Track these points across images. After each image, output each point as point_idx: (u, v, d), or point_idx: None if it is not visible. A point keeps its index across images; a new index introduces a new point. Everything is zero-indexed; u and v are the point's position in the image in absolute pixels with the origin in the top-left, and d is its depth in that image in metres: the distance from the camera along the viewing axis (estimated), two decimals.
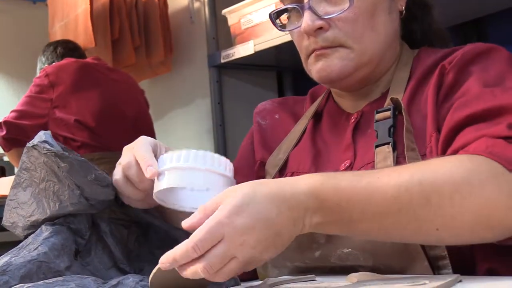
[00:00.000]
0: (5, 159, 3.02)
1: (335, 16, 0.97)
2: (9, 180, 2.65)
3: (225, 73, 2.65)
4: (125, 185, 0.90)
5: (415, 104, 0.97)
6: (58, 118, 2.58)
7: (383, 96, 1.04)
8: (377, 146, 0.93)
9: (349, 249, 0.91)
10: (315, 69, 1.01)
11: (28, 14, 3.83)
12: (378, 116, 0.96)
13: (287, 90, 2.76)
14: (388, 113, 0.95)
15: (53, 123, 2.56)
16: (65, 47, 2.83)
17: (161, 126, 2.97)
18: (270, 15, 1.05)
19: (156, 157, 0.88)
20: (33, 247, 0.83)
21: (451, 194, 0.73)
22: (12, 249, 0.85)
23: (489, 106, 0.84)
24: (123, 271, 0.90)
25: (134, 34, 3.08)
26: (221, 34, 2.60)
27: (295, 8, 1.00)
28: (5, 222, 0.91)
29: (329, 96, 1.14)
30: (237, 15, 2.41)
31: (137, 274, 0.88)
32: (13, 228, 0.90)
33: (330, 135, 1.08)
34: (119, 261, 0.91)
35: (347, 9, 0.96)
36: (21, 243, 0.85)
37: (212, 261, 0.71)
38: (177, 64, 3.00)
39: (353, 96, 1.07)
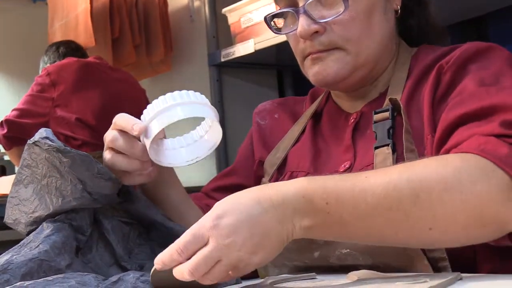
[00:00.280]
0: (6, 158, 3.02)
1: (331, 19, 0.97)
2: (9, 179, 2.64)
3: (225, 72, 2.65)
4: (118, 159, 0.90)
5: (413, 104, 0.96)
6: (59, 116, 2.58)
7: (381, 96, 1.04)
8: (376, 147, 0.93)
9: (348, 250, 0.90)
10: (311, 72, 1.01)
11: (28, 13, 3.83)
12: (376, 117, 0.96)
13: (287, 89, 2.76)
14: (387, 114, 0.95)
15: (54, 121, 2.56)
16: (68, 47, 2.84)
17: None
18: (265, 18, 1.05)
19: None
20: (34, 245, 0.82)
21: (441, 192, 0.72)
22: (13, 247, 0.85)
23: (482, 105, 0.84)
24: (125, 269, 0.90)
25: (134, 33, 3.08)
26: (221, 32, 2.60)
27: (290, 11, 1.00)
28: (7, 219, 0.91)
29: (328, 96, 1.14)
30: (237, 14, 2.40)
31: (138, 271, 0.88)
32: (15, 225, 0.90)
33: (330, 135, 1.08)
34: (121, 259, 0.91)
35: (342, 12, 0.96)
36: (22, 241, 0.85)
37: (197, 264, 0.71)
38: (177, 63, 3.00)
39: (351, 97, 1.07)
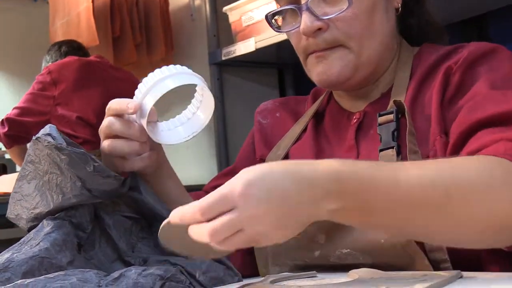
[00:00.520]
0: (7, 156, 3.03)
1: (334, 16, 0.96)
2: (10, 177, 2.65)
3: (226, 70, 2.65)
4: (117, 143, 0.91)
5: (418, 105, 0.96)
6: (60, 115, 2.59)
7: (384, 96, 1.03)
8: (381, 150, 0.93)
9: (348, 250, 0.90)
10: (315, 72, 1.01)
11: (29, 12, 3.83)
12: (381, 119, 0.96)
13: (288, 88, 2.76)
14: (391, 116, 0.94)
15: (55, 120, 2.57)
16: (69, 46, 2.85)
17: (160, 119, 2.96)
18: (266, 16, 1.04)
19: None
20: (34, 243, 0.82)
21: (471, 193, 0.72)
22: (13, 245, 0.85)
23: (503, 110, 0.84)
24: (128, 263, 0.89)
25: (135, 32, 3.08)
26: (222, 31, 2.60)
27: (291, 9, 1.00)
28: (9, 214, 0.91)
29: (330, 96, 1.14)
30: (238, 12, 2.40)
31: (141, 265, 0.88)
32: (17, 221, 0.90)
33: (332, 134, 1.08)
34: (124, 254, 0.91)
35: (346, 9, 0.96)
36: (22, 239, 0.85)
37: (219, 228, 0.67)
38: (178, 62, 2.97)
39: (353, 96, 1.07)
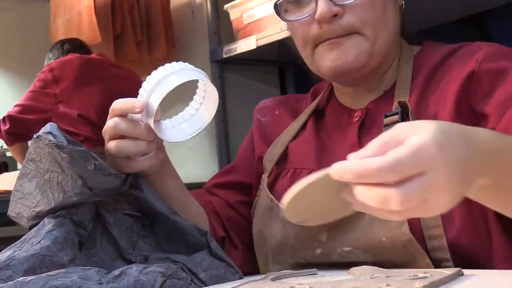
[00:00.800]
0: (8, 154, 3.03)
1: (351, 2, 0.95)
2: (11, 175, 2.65)
3: (227, 68, 2.64)
4: (124, 143, 0.91)
5: (423, 105, 0.96)
6: (61, 112, 2.59)
7: (386, 93, 1.03)
8: None
9: (350, 248, 0.91)
10: (328, 58, 0.98)
11: (30, 10, 3.83)
12: (386, 120, 0.95)
13: (289, 86, 2.75)
14: (396, 117, 0.94)
15: (56, 117, 2.57)
16: (72, 44, 2.85)
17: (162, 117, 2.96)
18: (275, 4, 1.02)
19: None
20: (35, 241, 0.82)
21: None
22: (15, 243, 0.85)
23: None
24: (129, 261, 0.90)
25: (136, 30, 3.08)
26: (223, 29, 2.59)
27: None
28: (10, 213, 0.91)
29: (330, 93, 1.13)
30: (239, 10, 2.40)
31: (142, 263, 0.88)
32: (18, 219, 0.90)
33: (334, 131, 1.07)
34: (125, 252, 0.91)
35: None
36: (23, 237, 0.85)
37: (411, 194, 0.54)
38: (179, 59, 2.93)
39: (355, 93, 1.06)
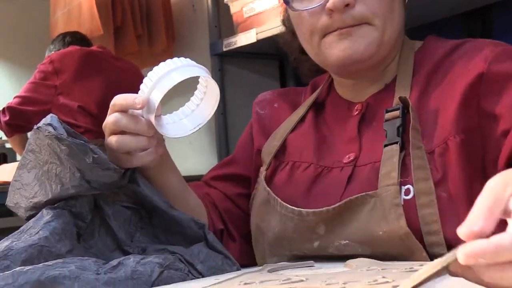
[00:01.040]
0: (7, 145, 3.03)
1: None
2: (10, 166, 2.65)
3: (227, 61, 2.64)
4: (125, 139, 0.90)
5: (424, 100, 0.96)
6: (61, 104, 2.59)
7: (387, 87, 1.03)
8: (385, 145, 0.93)
9: (347, 241, 0.91)
10: (339, 48, 0.98)
11: (30, 1, 3.82)
12: (387, 115, 0.95)
13: (289, 79, 2.75)
14: (397, 113, 0.94)
15: (57, 109, 2.57)
16: (73, 37, 2.86)
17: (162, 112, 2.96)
18: None
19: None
20: (34, 231, 0.83)
21: None
22: (13, 233, 0.85)
23: None
24: (127, 253, 0.90)
25: (137, 23, 3.07)
26: (223, 22, 2.59)
27: None
28: (8, 203, 0.91)
29: (330, 86, 1.13)
30: (239, 3, 2.40)
31: (140, 254, 0.88)
32: (16, 209, 0.90)
33: (334, 124, 1.07)
34: (123, 243, 0.91)
35: None
36: (22, 227, 0.85)
37: None
38: (179, 52, 2.98)
39: (355, 86, 1.06)
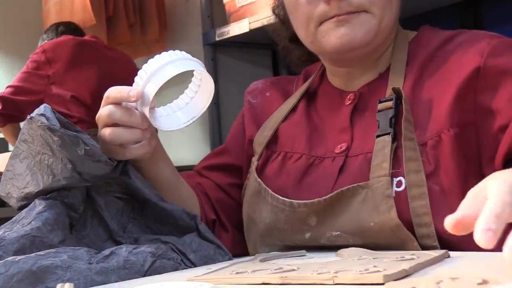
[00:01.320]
0: (0, 135, 3.02)
1: None
2: (3, 157, 2.64)
3: (220, 51, 2.63)
4: (119, 131, 0.90)
5: (417, 91, 0.96)
6: (54, 94, 2.58)
7: (380, 77, 1.03)
8: (378, 136, 0.92)
9: (338, 232, 0.91)
10: (336, 35, 0.97)
11: None
12: (380, 106, 0.95)
13: (282, 69, 2.75)
14: (390, 103, 0.94)
15: (49, 99, 2.56)
16: (66, 27, 2.85)
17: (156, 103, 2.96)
18: None
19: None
20: (26, 222, 0.82)
21: None
22: (5, 223, 0.85)
23: None
24: (119, 243, 0.90)
25: (129, 12, 3.06)
26: (216, 12, 2.58)
27: None
28: (0, 192, 0.91)
29: (322, 75, 1.13)
30: None
31: (132, 244, 0.88)
32: (7, 199, 0.90)
33: (326, 113, 1.07)
34: (115, 234, 0.91)
35: None
36: (14, 217, 0.85)
37: None
38: (172, 42, 2.98)
39: (348, 75, 1.06)
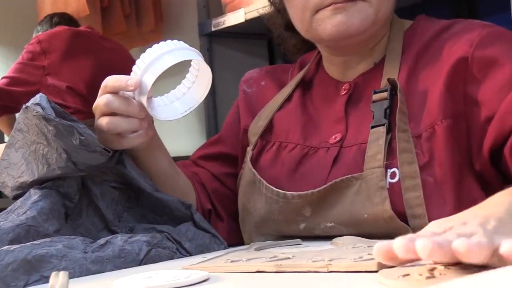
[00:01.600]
0: None
1: None
2: None
3: (216, 41, 2.63)
4: (117, 121, 0.90)
5: (412, 81, 0.95)
6: (50, 84, 2.58)
7: (375, 67, 1.02)
8: (372, 127, 0.92)
9: (333, 223, 0.91)
10: (333, 22, 0.97)
11: None
12: (375, 96, 0.95)
13: (278, 59, 2.75)
14: (385, 94, 0.94)
15: (45, 90, 2.55)
16: (61, 18, 2.84)
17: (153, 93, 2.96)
18: None
19: None
20: (21, 211, 0.83)
21: None
22: (0, 213, 0.85)
23: None
24: (115, 233, 0.90)
25: (124, 2, 3.05)
26: (212, 2, 2.58)
27: None
28: None
29: (318, 64, 1.12)
30: None
31: (127, 233, 0.89)
32: (2, 188, 0.91)
33: (321, 103, 1.07)
34: (111, 223, 0.91)
35: None
36: (9, 207, 0.85)
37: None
38: (168, 32, 2.98)
39: (345, 64, 1.05)
